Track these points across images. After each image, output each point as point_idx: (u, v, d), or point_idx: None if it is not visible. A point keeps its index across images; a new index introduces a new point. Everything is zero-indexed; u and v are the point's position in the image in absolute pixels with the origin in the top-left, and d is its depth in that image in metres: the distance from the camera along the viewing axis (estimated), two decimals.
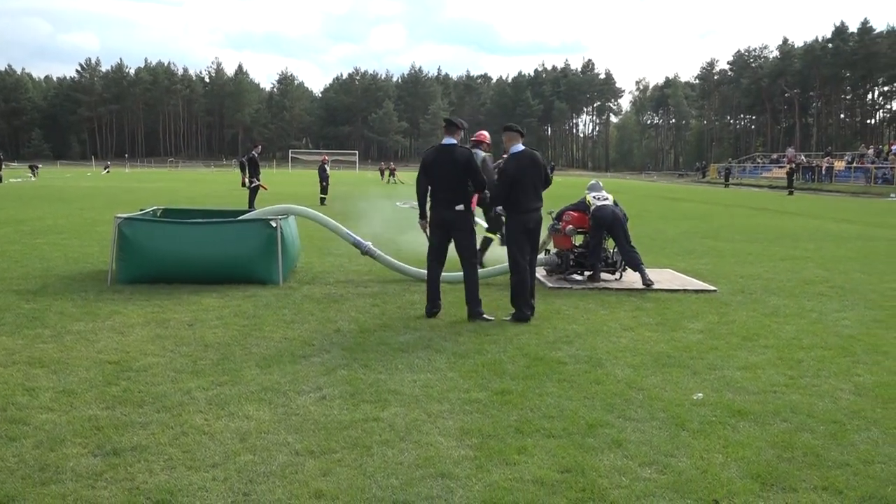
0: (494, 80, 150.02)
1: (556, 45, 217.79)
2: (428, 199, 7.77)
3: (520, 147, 7.67)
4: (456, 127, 7.69)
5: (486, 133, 10.85)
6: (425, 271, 8.09)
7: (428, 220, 7.82)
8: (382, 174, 56.31)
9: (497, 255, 10.80)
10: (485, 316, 7.53)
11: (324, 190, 26.12)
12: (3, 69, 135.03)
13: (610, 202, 9.83)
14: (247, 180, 21.23)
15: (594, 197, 9.90)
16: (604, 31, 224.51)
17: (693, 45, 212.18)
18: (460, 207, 7.49)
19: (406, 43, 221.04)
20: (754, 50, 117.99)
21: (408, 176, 52.33)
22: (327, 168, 27.57)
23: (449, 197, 7.50)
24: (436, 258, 7.74)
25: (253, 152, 21.66)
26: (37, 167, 57.25)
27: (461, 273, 7.80)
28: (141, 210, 10.84)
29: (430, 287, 7.71)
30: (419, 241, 10.23)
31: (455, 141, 7.63)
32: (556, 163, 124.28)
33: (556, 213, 10.22)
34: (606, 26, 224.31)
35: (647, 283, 9.16)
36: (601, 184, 10.34)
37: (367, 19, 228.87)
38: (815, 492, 3.67)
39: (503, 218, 7.83)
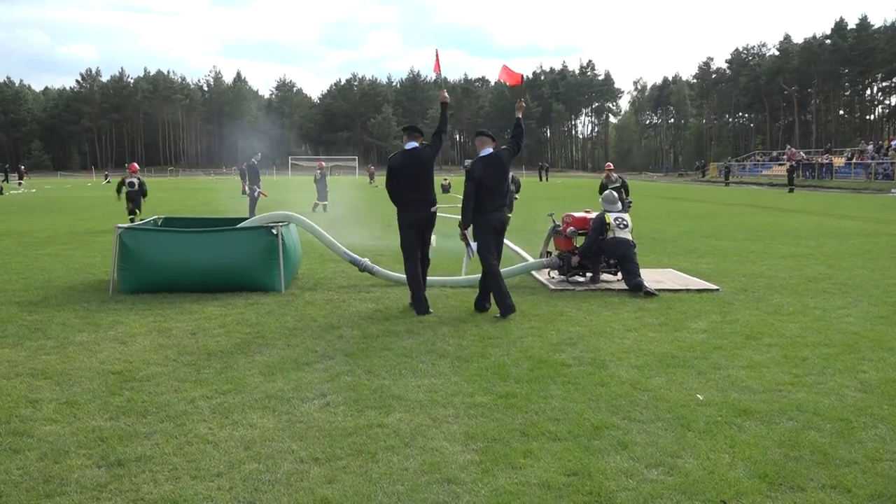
0: (492, 83, 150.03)
1: (551, 48, 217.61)
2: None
3: (488, 150, 8.02)
4: (419, 133, 8.36)
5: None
6: (428, 278, 8.62)
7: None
8: (371, 177, 59.70)
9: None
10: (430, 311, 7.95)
11: (323, 196, 26.08)
12: (2, 81, 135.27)
13: (629, 228, 9.59)
14: (247, 188, 21.24)
15: (615, 220, 9.55)
16: (599, 31, 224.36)
17: (690, 44, 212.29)
18: (434, 209, 8.18)
19: (402, 48, 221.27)
20: (752, 48, 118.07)
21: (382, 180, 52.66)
22: (326, 174, 27.51)
23: (423, 198, 8.14)
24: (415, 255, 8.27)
25: (252, 160, 21.68)
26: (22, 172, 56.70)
27: (450, 277, 8.64)
28: (142, 219, 10.83)
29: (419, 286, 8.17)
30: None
31: (417, 144, 8.27)
32: (556, 164, 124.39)
33: (562, 221, 10.16)
34: (601, 27, 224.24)
35: (649, 292, 8.95)
36: (616, 195, 10.08)
37: (362, 26, 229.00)
38: (823, 490, 3.65)
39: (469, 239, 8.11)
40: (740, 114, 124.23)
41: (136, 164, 20.45)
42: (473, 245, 7.95)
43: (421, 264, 8.29)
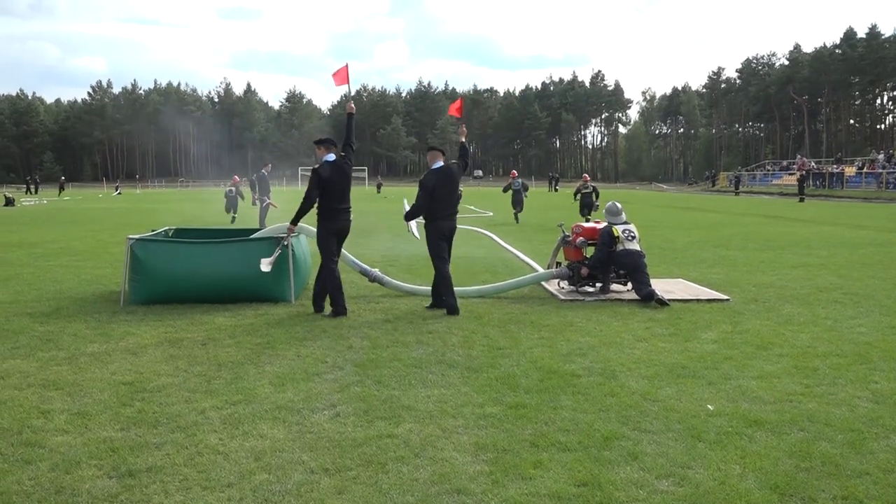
0: (501, 94, 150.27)
1: (559, 58, 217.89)
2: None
3: (440, 163, 8.83)
4: (333, 145, 8.79)
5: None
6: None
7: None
8: (378, 188, 65.54)
9: (511, 270, 10.80)
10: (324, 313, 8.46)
11: None
12: (14, 94, 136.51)
13: (637, 239, 9.58)
14: (256, 199, 21.31)
15: (623, 233, 9.51)
16: (607, 41, 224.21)
17: (699, 53, 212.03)
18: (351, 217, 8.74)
19: (409, 59, 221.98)
20: (762, 57, 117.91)
21: (389, 191, 53.49)
22: None
23: (348, 207, 8.65)
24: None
25: (262, 170, 21.76)
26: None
27: (460, 288, 9.12)
28: (152, 231, 10.89)
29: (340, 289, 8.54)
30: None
31: (334, 156, 8.68)
32: (566, 174, 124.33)
33: (572, 232, 10.17)
34: (609, 37, 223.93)
35: (661, 301, 8.93)
36: (620, 206, 10.02)
37: (370, 37, 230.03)
38: (834, 502, 3.63)
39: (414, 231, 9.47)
40: (750, 123, 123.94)
41: (237, 177, 26.85)
42: (413, 227, 9.25)
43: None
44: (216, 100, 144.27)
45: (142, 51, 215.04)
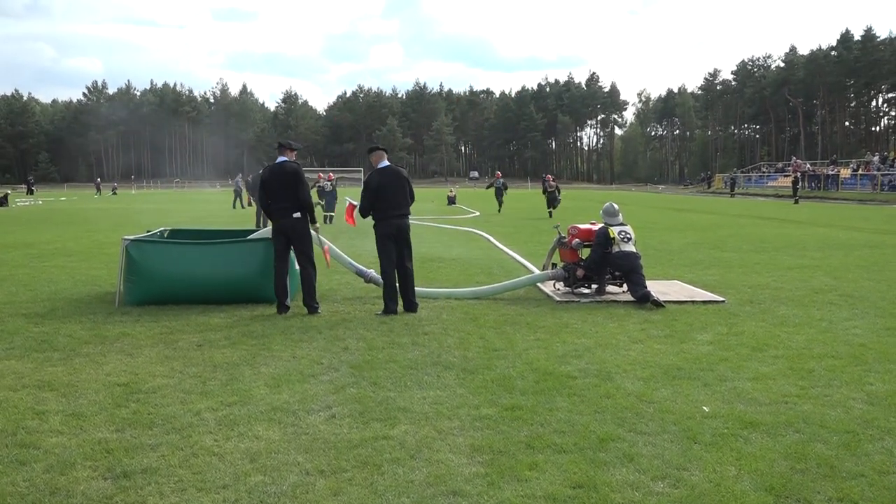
0: (497, 95, 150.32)
1: (553, 60, 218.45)
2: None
3: (385, 163, 8.87)
4: (288, 149, 8.86)
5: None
6: (433, 290, 9.35)
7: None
8: None
9: (506, 271, 10.79)
10: (319, 310, 8.59)
11: (330, 207, 26.14)
12: (9, 94, 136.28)
13: (632, 240, 9.57)
14: (252, 199, 21.31)
15: (619, 234, 9.49)
16: (602, 43, 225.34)
17: (694, 55, 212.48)
18: (297, 215, 8.63)
19: (404, 61, 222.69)
20: (757, 59, 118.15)
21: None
22: (335, 185, 27.60)
23: (288, 206, 8.60)
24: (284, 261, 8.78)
25: (260, 170, 21.74)
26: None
27: (456, 289, 9.28)
28: (148, 231, 10.87)
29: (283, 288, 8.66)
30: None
31: (287, 158, 8.80)
32: (561, 176, 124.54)
33: (568, 233, 10.17)
34: (604, 39, 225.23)
35: (657, 302, 8.94)
36: (617, 207, 9.97)
37: (365, 38, 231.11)
38: (830, 503, 3.64)
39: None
40: (746, 125, 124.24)
41: (332, 174, 29.16)
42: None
43: (305, 270, 8.74)
44: (212, 100, 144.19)
45: (137, 51, 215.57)
